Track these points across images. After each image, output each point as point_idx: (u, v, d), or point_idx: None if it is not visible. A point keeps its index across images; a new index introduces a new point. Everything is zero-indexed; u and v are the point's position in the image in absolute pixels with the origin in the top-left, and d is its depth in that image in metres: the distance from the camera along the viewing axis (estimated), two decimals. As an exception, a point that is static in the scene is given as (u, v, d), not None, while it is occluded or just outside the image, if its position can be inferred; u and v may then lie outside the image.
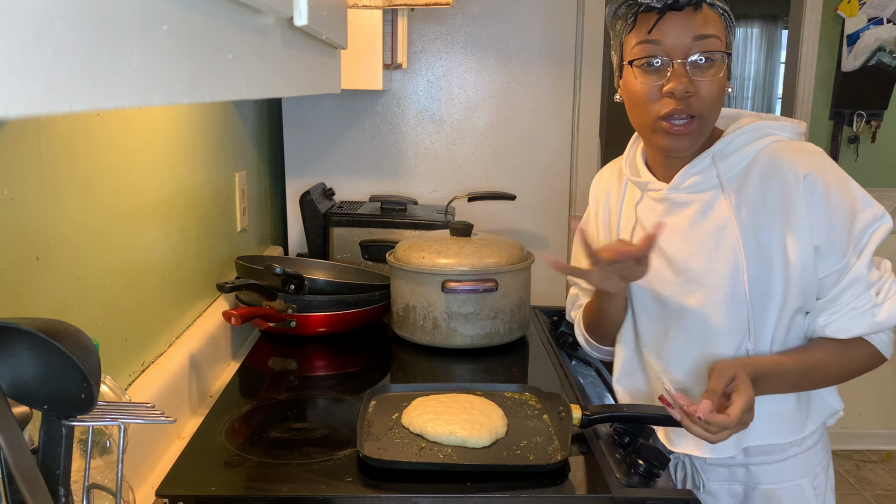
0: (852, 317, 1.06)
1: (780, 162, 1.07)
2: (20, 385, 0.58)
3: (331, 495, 0.94)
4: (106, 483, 0.74)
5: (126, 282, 1.09)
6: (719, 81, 1.05)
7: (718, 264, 1.09)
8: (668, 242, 1.14)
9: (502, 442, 1.07)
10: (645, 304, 1.19)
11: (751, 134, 1.11)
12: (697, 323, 1.11)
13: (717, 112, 1.08)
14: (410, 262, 1.50)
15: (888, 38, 3.17)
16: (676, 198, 1.13)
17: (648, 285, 1.17)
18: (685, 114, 1.05)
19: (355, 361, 1.54)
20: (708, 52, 1.03)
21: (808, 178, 1.05)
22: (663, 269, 1.15)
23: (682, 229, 1.13)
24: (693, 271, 1.11)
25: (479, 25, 2.12)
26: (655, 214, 1.16)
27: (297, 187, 2.14)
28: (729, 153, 1.10)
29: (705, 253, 1.10)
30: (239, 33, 0.50)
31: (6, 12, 0.25)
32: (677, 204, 1.14)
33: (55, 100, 0.28)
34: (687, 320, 1.12)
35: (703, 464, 1.18)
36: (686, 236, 1.12)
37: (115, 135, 1.04)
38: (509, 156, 2.19)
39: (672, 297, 1.14)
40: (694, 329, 1.12)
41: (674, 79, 1.04)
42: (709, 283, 1.10)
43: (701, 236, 1.11)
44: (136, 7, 0.34)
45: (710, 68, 1.04)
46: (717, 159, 1.10)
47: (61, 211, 0.89)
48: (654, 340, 1.18)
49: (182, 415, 1.22)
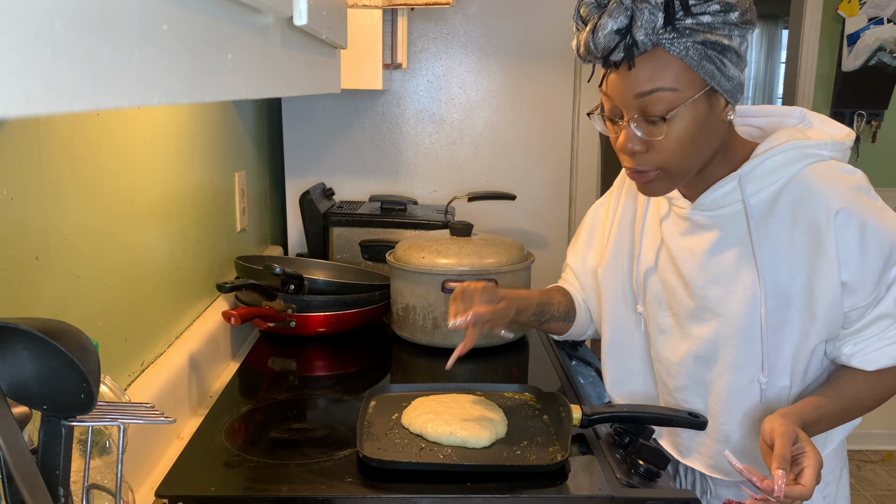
0: (880, 347, 1.01)
1: (813, 193, 0.99)
2: (20, 385, 0.58)
3: (331, 495, 0.94)
4: (105, 483, 0.74)
5: (126, 282, 1.09)
6: (673, 138, 0.96)
7: (736, 296, 1.04)
8: (686, 265, 1.09)
9: (502, 442, 1.07)
10: (660, 321, 1.15)
11: (784, 156, 1.02)
12: (710, 351, 1.08)
13: (688, 160, 0.99)
14: (410, 262, 1.50)
15: (888, 38, 3.17)
16: (699, 219, 1.08)
17: (664, 304, 1.14)
18: (640, 168, 1.00)
19: (355, 361, 1.54)
20: (652, 112, 0.95)
21: (841, 214, 0.97)
22: (680, 291, 1.11)
23: (702, 254, 1.08)
24: (709, 299, 1.07)
25: (479, 25, 2.12)
26: (678, 232, 1.11)
27: (296, 187, 2.14)
28: (758, 176, 1.02)
29: (723, 283, 1.06)
30: (239, 33, 0.49)
31: (6, 12, 0.25)
32: (699, 225, 1.08)
33: (55, 100, 0.27)
34: (700, 347, 1.09)
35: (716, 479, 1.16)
36: (704, 262, 1.07)
37: (115, 135, 1.04)
38: (509, 156, 2.19)
39: (686, 320, 1.10)
40: (706, 357, 1.09)
41: (621, 137, 0.98)
42: (724, 313, 1.06)
43: (720, 264, 1.06)
44: (136, 7, 0.34)
45: (661, 125, 0.95)
46: (743, 182, 1.03)
47: (61, 211, 0.89)
48: (667, 359, 1.15)
49: (182, 415, 1.22)
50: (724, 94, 0.96)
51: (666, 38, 0.92)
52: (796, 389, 1.08)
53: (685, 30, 0.91)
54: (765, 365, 1.05)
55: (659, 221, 1.15)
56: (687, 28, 0.91)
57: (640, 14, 0.90)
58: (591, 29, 0.94)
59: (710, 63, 0.93)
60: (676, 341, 1.13)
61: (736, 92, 0.98)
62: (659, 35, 0.91)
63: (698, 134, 0.97)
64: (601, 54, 0.95)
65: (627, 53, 0.93)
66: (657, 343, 1.16)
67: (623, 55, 0.93)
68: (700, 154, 1.00)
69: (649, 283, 1.16)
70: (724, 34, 0.93)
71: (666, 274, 1.13)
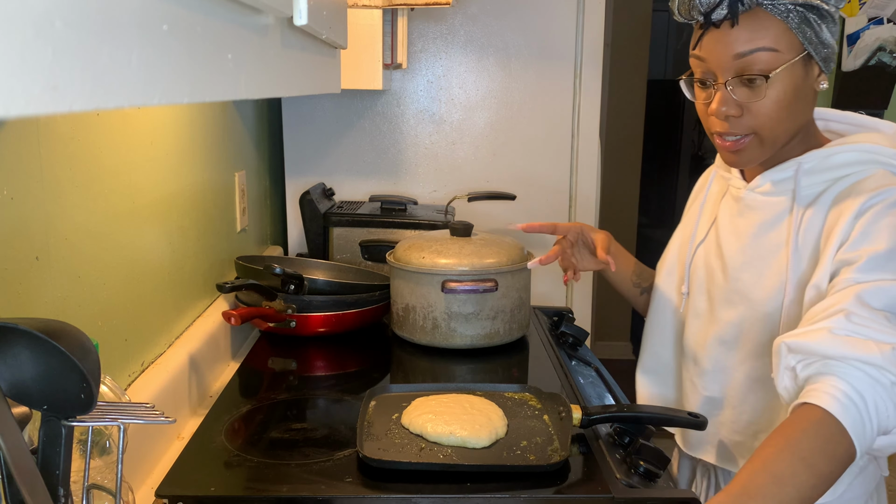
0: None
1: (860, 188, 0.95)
2: (20, 385, 0.58)
3: (331, 495, 0.94)
4: (106, 483, 0.74)
5: (126, 282, 1.09)
6: (771, 100, 0.95)
7: (765, 281, 1.03)
8: (730, 247, 1.08)
9: (502, 442, 1.07)
10: (697, 305, 1.14)
11: (854, 154, 0.98)
12: (734, 336, 1.07)
13: (783, 126, 0.97)
14: (410, 262, 1.49)
15: (888, 38, 3.17)
16: (751, 200, 1.07)
17: (704, 288, 1.12)
18: (733, 134, 0.98)
19: (355, 361, 1.54)
20: (752, 72, 0.94)
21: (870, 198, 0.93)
22: (718, 274, 1.10)
23: (745, 236, 1.07)
24: (741, 282, 1.06)
25: (479, 25, 2.12)
26: (731, 213, 1.10)
27: (296, 187, 2.14)
28: (819, 170, 1.00)
29: (757, 268, 1.04)
30: (239, 33, 0.49)
31: (6, 12, 0.25)
32: (750, 207, 1.07)
33: (55, 100, 0.27)
34: (725, 330, 1.08)
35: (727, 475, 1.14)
36: (746, 245, 1.06)
37: (115, 135, 1.04)
38: (509, 156, 2.19)
39: (718, 304, 1.10)
40: (730, 341, 1.08)
41: (716, 100, 0.97)
42: (751, 298, 1.04)
43: (758, 249, 1.04)
44: (136, 7, 0.34)
45: (760, 87, 0.94)
46: (801, 172, 1.00)
47: (61, 211, 0.89)
48: (696, 343, 1.14)
49: (182, 415, 1.22)
50: (819, 62, 0.95)
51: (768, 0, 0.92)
52: None
53: None
54: None
55: (719, 200, 1.14)
56: None
57: None
58: None
59: (809, 27, 0.93)
60: (706, 325, 1.12)
61: (830, 60, 0.96)
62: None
63: (794, 100, 0.96)
64: (705, 9, 0.94)
65: (731, 10, 0.92)
66: (690, 327, 1.15)
67: (726, 12, 0.92)
68: (793, 122, 0.98)
69: (695, 264, 1.15)
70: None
71: (710, 256, 1.12)
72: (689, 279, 1.17)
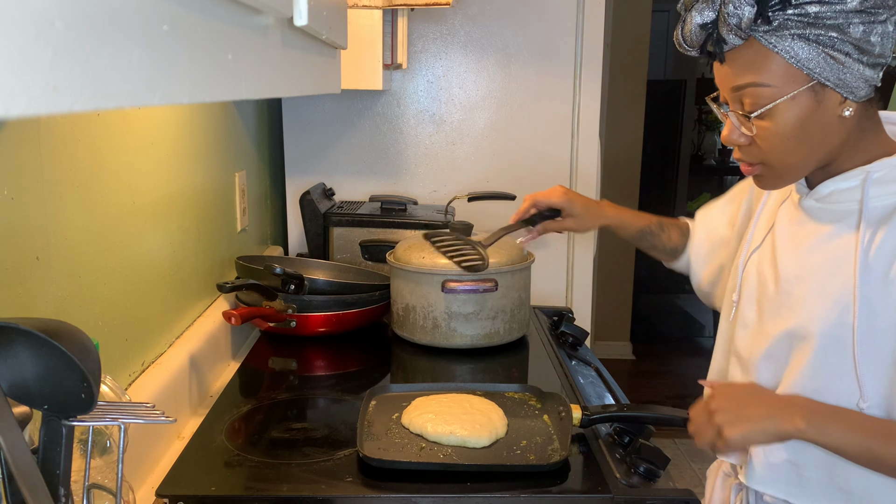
0: None
1: None
2: (20, 385, 0.58)
3: (331, 495, 0.94)
4: (106, 483, 0.74)
5: (126, 282, 1.09)
6: (774, 134, 0.91)
7: (820, 298, 0.95)
8: (784, 256, 1.02)
9: (502, 442, 1.07)
10: (746, 314, 1.06)
11: None
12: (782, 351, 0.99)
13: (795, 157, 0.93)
14: (410, 262, 1.50)
15: (888, 38, 3.16)
16: (810, 208, 1.00)
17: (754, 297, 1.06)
18: (743, 161, 0.96)
19: (355, 361, 1.54)
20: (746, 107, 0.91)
21: None
22: (770, 283, 1.03)
23: (803, 246, 1.00)
24: (793, 296, 0.98)
25: (479, 25, 2.12)
26: (790, 220, 1.04)
27: (297, 187, 2.14)
28: (888, 180, 0.93)
29: (812, 281, 0.96)
30: (239, 33, 0.50)
31: (6, 12, 0.25)
32: (810, 216, 1.00)
33: (55, 100, 0.28)
34: (772, 345, 1.00)
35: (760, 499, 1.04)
36: (802, 255, 0.99)
37: (115, 135, 1.04)
38: (509, 156, 2.19)
39: (768, 315, 1.02)
40: (777, 357, 1.00)
41: (726, 127, 0.96)
42: (802, 313, 0.96)
43: (817, 262, 0.97)
44: (136, 7, 0.34)
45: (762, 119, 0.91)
46: (869, 181, 0.93)
47: (61, 211, 0.89)
48: (744, 357, 1.06)
49: (182, 415, 1.22)
50: (837, 89, 0.88)
51: (761, 32, 0.86)
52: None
53: (786, 21, 0.85)
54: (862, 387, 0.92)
55: (779, 205, 1.09)
56: (788, 20, 0.85)
57: (725, 8, 0.86)
58: (680, 22, 0.93)
59: (818, 56, 0.86)
60: (754, 337, 1.04)
61: (856, 87, 0.88)
62: (750, 29, 0.87)
63: (803, 131, 0.90)
64: (691, 49, 0.93)
65: (717, 48, 0.90)
66: (738, 338, 1.08)
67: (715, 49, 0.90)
68: (809, 151, 0.93)
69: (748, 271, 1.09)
70: (838, 24, 0.84)
71: (764, 264, 1.06)
72: (740, 287, 1.10)
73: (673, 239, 1.33)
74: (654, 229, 1.33)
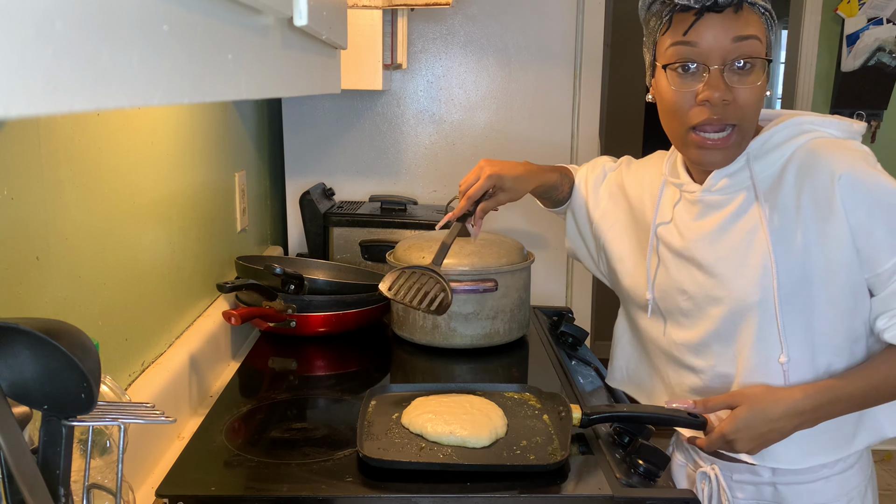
0: None
1: (817, 161, 1.00)
2: (20, 385, 0.58)
3: (331, 495, 0.94)
4: (106, 483, 0.74)
5: (126, 282, 1.09)
6: (759, 89, 0.99)
7: (747, 269, 1.04)
8: (699, 247, 1.09)
9: (502, 442, 1.07)
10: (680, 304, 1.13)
11: (788, 130, 1.04)
12: (729, 329, 1.07)
13: (754, 122, 1.03)
14: (410, 262, 1.49)
15: (888, 38, 3.16)
16: (710, 200, 1.09)
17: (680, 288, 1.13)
18: (720, 123, 1.00)
19: (355, 361, 1.54)
20: (748, 56, 0.97)
21: (844, 178, 0.97)
22: (695, 273, 1.10)
23: (713, 232, 1.08)
24: (721, 276, 1.07)
25: (479, 25, 2.12)
26: (690, 216, 1.12)
27: (296, 187, 2.14)
28: (764, 153, 1.04)
29: (735, 258, 1.05)
30: (239, 33, 0.50)
31: (6, 12, 0.25)
32: (710, 206, 1.09)
33: (55, 100, 0.28)
34: (720, 325, 1.08)
35: (730, 480, 1.14)
36: (715, 240, 1.08)
37: (115, 135, 1.04)
38: (509, 156, 2.18)
39: (704, 300, 1.10)
40: (726, 335, 1.08)
41: (709, 86, 0.98)
42: (737, 289, 1.05)
43: (731, 241, 1.06)
44: (136, 7, 0.34)
45: (750, 74, 0.98)
46: (751, 160, 1.05)
47: (61, 211, 0.89)
48: (690, 341, 1.13)
49: (182, 415, 1.22)
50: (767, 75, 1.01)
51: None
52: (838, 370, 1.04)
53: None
54: (784, 345, 1.02)
55: (671, 207, 1.16)
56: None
57: None
58: None
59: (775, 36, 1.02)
60: (697, 322, 1.11)
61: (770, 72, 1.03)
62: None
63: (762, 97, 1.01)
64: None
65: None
66: (680, 325, 1.14)
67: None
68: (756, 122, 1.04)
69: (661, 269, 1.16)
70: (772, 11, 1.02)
71: (678, 259, 1.13)
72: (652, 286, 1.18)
73: (565, 191, 1.39)
74: (559, 182, 1.37)
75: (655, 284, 1.18)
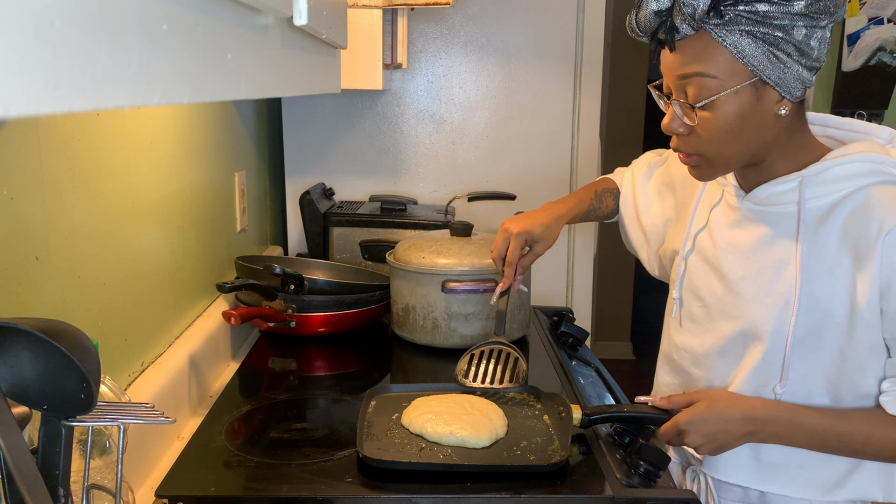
0: None
1: (871, 209, 0.93)
2: (20, 385, 0.58)
3: (331, 495, 0.94)
4: (106, 483, 0.74)
5: (126, 282, 1.09)
6: (713, 125, 0.94)
7: (769, 297, 1.00)
8: (727, 257, 1.06)
9: (502, 442, 1.07)
10: (692, 310, 1.12)
11: (854, 166, 0.95)
12: (735, 350, 1.05)
13: (732, 150, 0.96)
14: (410, 262, 1.49)
15: (888, 38, 3.17)
16: (749, 211, 1.04)
17: (699, 294, 1.11)
18: (680, 152, 1.00)
19: (355, 361, 1.54)
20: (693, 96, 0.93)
21: (892, 235, 0.91)
22: (715, 284, 1.08)
23: (745, 248, 1.04)
24: (741, 297, 1.04)
25: (479, 25, 2.12)
26: (727, 221, 1.08)
27: (296, 187, 2.14)
28: (821, 182, 0.97)
29: (760, 282, 1.01)
30: (239, 33, 0.49)
31: (6, 12, 0.25)
32: (748, 218, 1.04)
33: (55, 100, 0.27)
34: (726, 343, 1.06)
35: (719, 483, 1.12)
36: (745, 257, 1.04)
37: (115, 135, 1.04)
38: (509, 156, 2.19)
39: (717, 313, 1.08)
40: (730, 354, 1.06)
41: (667, 115, 0.98)
42: (754, 313, 1.02)
43: (761, 263, 1.02)
44: (136, 7, 0.34)
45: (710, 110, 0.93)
46: (805, 184, 0.97)
47: (61, 211, 0.89)
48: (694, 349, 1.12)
49: (182, 415, 1.22)
50: (776, 88, 0.92)
51: (712, 25, 0.90)
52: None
53: (736, 17, 0.88)
54: (784, 376, 1.00)
55: (710, 207, 1.13)
56: (739, 16, 0.88)
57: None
58: (636, 7, 0.96)
59: (763, 54, 0.90)
60: (705, 333, 1.10)
61: (794, 87, 0.92)
62: (703, 21, 0.89)
63: (741, 126, 0.94)
64: (642, 35, 0.96)
65: (668, 36, 0.92)
66: (687, 334, 1.14)
67: (667, 36, 0.93)
68: (744, 146, 0.96)
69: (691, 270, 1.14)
70: (784, 25, 0.88)
71: (704, 263, 1.11)
72: (680, 286, 1.16)
73: (609, 205, 1.39)
74: (595, 203, 1.38)
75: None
